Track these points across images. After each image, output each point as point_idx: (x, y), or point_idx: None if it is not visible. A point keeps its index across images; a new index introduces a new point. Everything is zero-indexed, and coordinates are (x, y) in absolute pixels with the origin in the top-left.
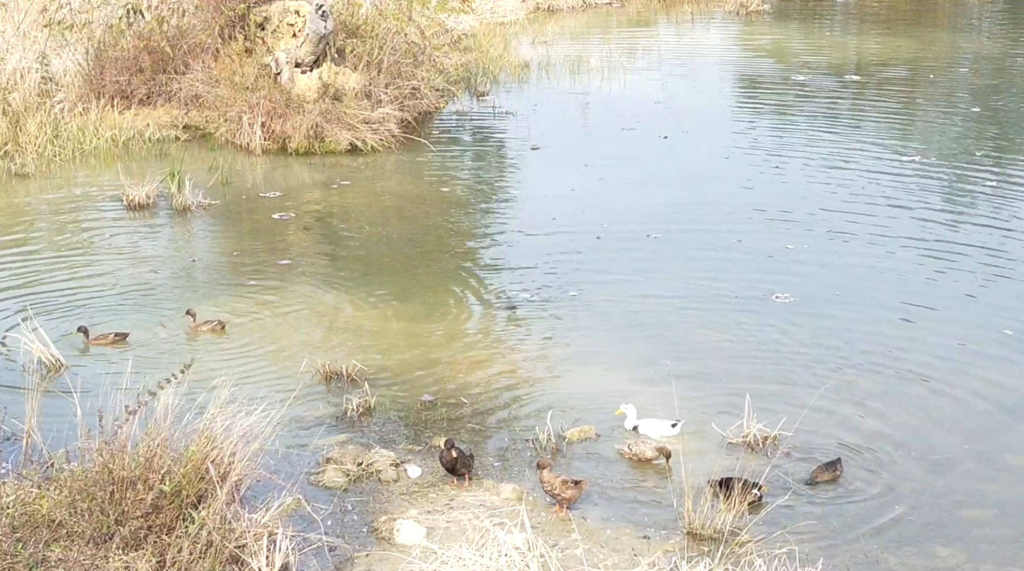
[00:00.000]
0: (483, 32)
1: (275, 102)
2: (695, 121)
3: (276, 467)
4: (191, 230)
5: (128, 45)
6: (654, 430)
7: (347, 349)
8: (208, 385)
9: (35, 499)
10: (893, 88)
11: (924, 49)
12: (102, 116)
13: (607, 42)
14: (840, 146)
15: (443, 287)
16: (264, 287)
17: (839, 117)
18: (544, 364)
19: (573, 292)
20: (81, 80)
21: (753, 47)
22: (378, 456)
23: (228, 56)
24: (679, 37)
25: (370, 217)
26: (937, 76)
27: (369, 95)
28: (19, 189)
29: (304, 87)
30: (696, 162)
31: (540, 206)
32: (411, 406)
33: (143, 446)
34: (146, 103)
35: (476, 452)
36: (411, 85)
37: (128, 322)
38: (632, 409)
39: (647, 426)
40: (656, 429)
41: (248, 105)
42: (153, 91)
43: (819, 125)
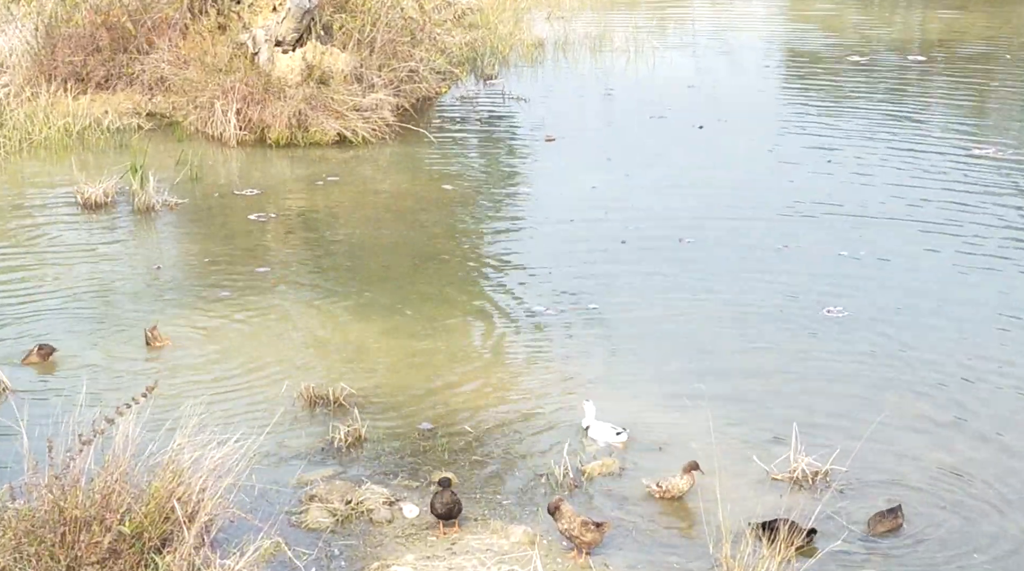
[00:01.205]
0: (491, 6)
1: (252, 86)
2: (735, 108)
3: (252, 505)
4: (155, 233)
5: (83, 20)
6: (601, 435)
7: (334, 370)
8: (175, 411)
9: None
10: (964, 70)
11: (1000, 25)
12: (53, 102)
13: (634, 17)
14: (903, 137)
15: (445, 299)
16: (239, 298)
17: (901, 103)
18: (560, 387)
19: (593, 304)
20: (29, 61)
21: (802, 21)
22: (369, 493)
23: (198, 33)
24: (716, 10)
25: (361, 218)
26: (1015, 56)
27: (360, 78)
28: None
29: (285, 69)
30: (736, 156)
31: (556, 206)
32: (407, 435)
33: (99, 481)
34: (104, 87)
35: (482, 488)
36: (408, 67)
37: (82, 339)
38: (591, 408)
39: (596, 430)
40: (603, 435)
41: (221, 90)
42: (112, 73)
43: (878, 112)
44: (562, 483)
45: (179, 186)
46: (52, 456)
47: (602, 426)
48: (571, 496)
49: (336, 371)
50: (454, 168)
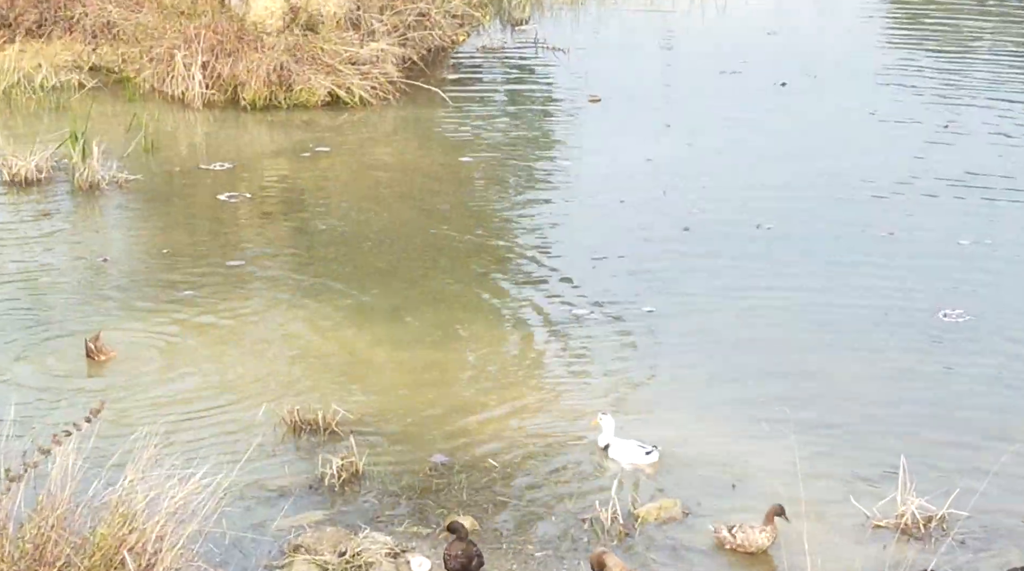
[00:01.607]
0: None
1: (222, 34)
2: (826, 61)
3: (223, 558)
4: (100, 217)
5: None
6: (625, 455)
7: (324, 388)
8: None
9: None
10: None
11: None
12: None
13: None
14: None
15: (463, 300)
16: (205, 299)
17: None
18: (607, 409)
19: (649, 306)
20: None
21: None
22: (369, 542)
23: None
24: None
25: (358, 199)
26: None
27: (357, 24)
28: None
29: (263, 12)
30: (827, 120)
31: (602, 183)
32: (416, 470)
33: (31, 527)
34: (36, 35)
35: (509, 537)
36: (417, 10)
37: (8, 349)
38: (610, 422)
39: (620, 449)
40: (628, 454)
41: (183, 38)
42: (46, 18)
43: (1010, 62)
44: (609, 530)
45: (131, 159)
46: None
47: (626, 444)
48: (620, 547)
49: (327, 390)
50: (474, 136)
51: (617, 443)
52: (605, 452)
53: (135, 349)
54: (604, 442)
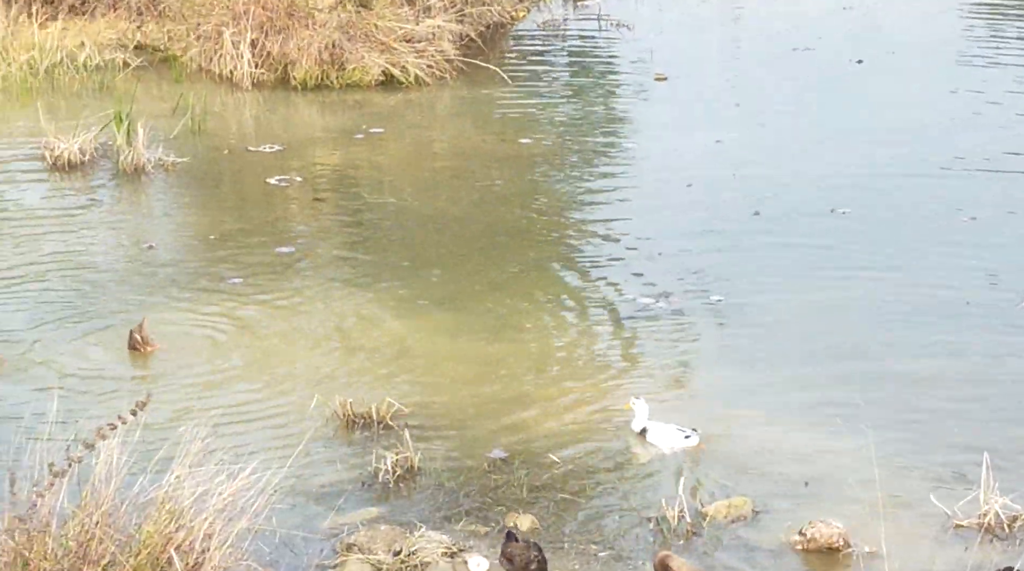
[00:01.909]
0: None
1: (272, 10)
2: (905, 37)
3: (273, 557)
4: (146, 202)
5: None
6: (664, 439)
7: (378, 381)
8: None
9: None
10: None
11: None
12: (14, 31)
13: None
14: None
15: (522, 288)
16: (254, 288)
17: None
18: (675, 404)
19: (718, 295)
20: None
21: None
22: (425, 541)
23: None
24: None
25: (412, 183)
26: None
27: (412, 0)
28: None
29: None
30: (906, 99)
31: (668, 166)
32: (474, 466)
33: (75, 525)
34: (79, 12)
35: (572, 536)
36: None
37: (51, 340)
38: (643, 407)
39: (657, 433)
40: (666, 438)
41: (231, 14)
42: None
43: None
44: (676, 529)
45: (177, 141)
46: (14, 492)
47: (664, 428)
48: (686, 546)
49: (380, 382)
50: (534, 116)
51: (655, 427)
52: (641, 437)
53: (181, 339)
54: (639, 426)
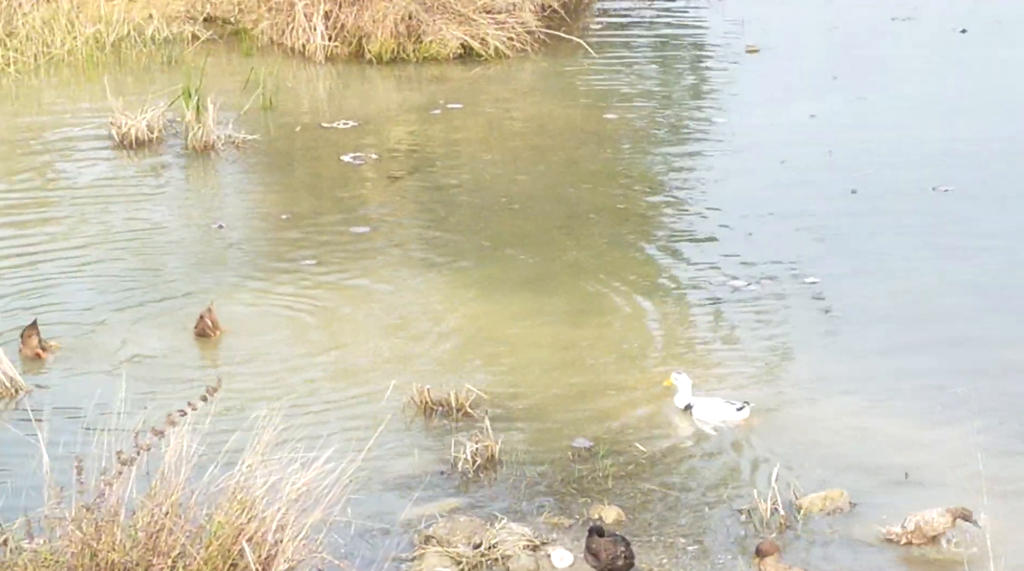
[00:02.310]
0: None
1: None
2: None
3: (348, 549)
4: (216, 180)
5: None
6: (713, 414)
7: (456, 367)
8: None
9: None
10: None
11: None
12: (81, 4)
13: None
14: None
15: (607, 270)
16: (328, 269)
17: None
18: (768, 392)
19: (813, 278)
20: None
21: None
22: (506, 534)
23: None
24: None
25: (492, 160)
26: None
27: None
28: None
29: None
30: (1012, 71)
31: (761, 142)
32: (556, 456)
33: (143, 515)
34: None
35: (659, 529)
36: None
37: (118, 322)
38: (686, 381)
39: (705, 407)
40: (715, 412)
41: None
42: None
43: None
44: (769, 522)
45: (248, 117)
46: (82, 480)
47: (712, 402)
48: (780, 540)
49: (459, 368)
50: (620, 90)
51: (701, 401)
52: (687, 413)
53: (252, 323)
54: (684, 402)
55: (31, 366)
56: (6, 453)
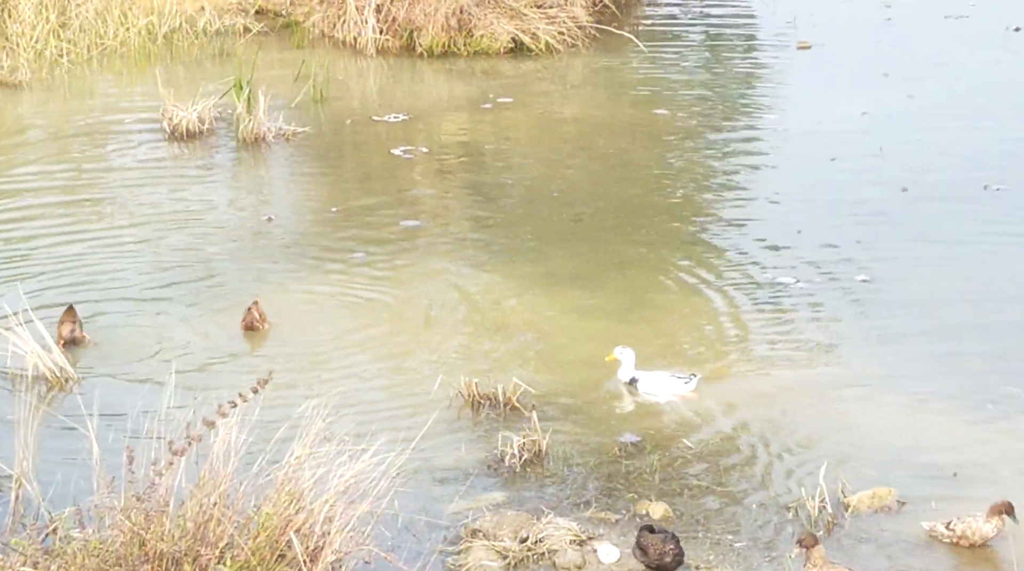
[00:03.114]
0: None
1: None
2: None
3: (395, 541)
4: (266, 173)
5: None
6: (662, 387)
7: (505, 361)
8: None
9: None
10: None
11: None
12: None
13: None
14: None
15: (655, 266)
16: (378, 263)
17: None
18: (816, 388)
19: (863, 275)
20: None
21: None
22: (552, 528)
23: None
24: None
25: (542, 155)
26: None
27: None
28: (6, 106)
29: None
30: None
31: (811, 139)
32: (604, 450)
33: (192, 505)
34: None
35: (706, 525)
36: None
37: (167, 313)
38: (630, 355)
39: (651, 381)
40: (664, 386)
41: None
42: None
43: None
44: (817, 519)
45: (298, 110)
46: (132, 470)
47: (657, 375)
48: (828, 538)
49: (508, 362)
50: (670, 86)
51: (646, 376)
52: (633, 387)
53: (301, 315)
54: (628, 376)
55: (80, 355)
56: (56, 443)
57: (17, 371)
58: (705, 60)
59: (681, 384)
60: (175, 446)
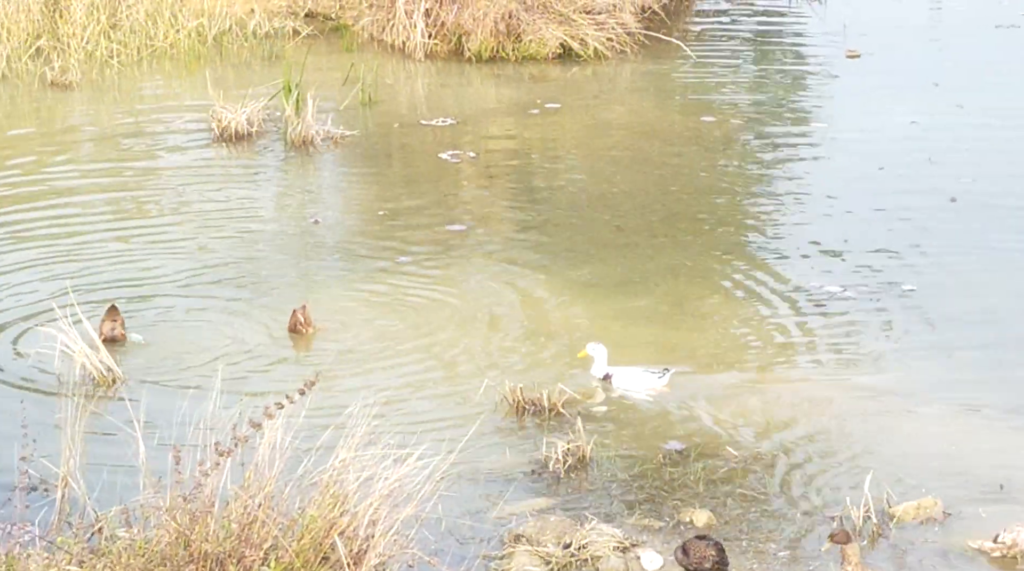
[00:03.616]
0: None
1: None
2: None
3: (438, 546)
4: (314, 176)
5: None
6: (636, 382)
7: (550, 367)
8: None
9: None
10: None
11: None
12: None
13: None
14: None
15: (701, 273)
16: (423, 266)
17: None
18: (862, 398)
19: (910, 285)
20: None
21: None
22: (596, 534)
23: None
24: None
25: (589, 161)
26: None
27: None
28: (57, 106)
29: None
30: None
31: (859, 148)
32: (648, 458)
33: (237, 506)
34: None
35: (750, 534)
36: None
37: (213, 314)
38: (602, 351)
39: (625, 377)
40: (638, 381)
41: None
42: None
43: None
44: (861, 530)
45: (347, 113)
46: (179, 470)
47: (632, 370)
48: (872, 548)
49: (552, 368)
50: (718, 94)
51: (620, 371)
52: (607, 383)
53: (346, 318)
54: (601, 372)
55: (127, 355)
56: (104, 445)
57: (64, 370)
58: (754, 67)
59: (655, 378)
60: (221, 447)
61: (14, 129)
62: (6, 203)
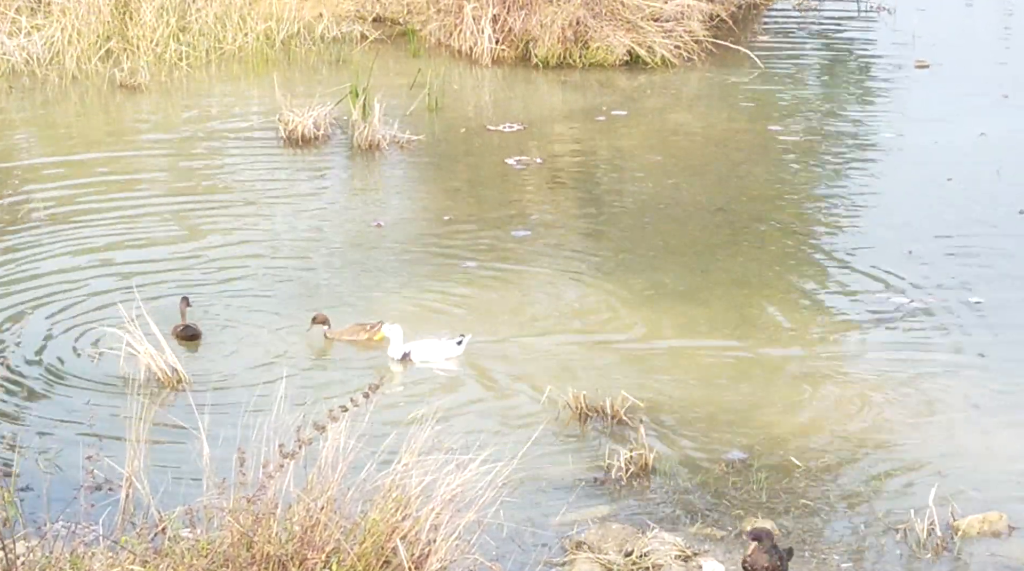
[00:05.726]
0: None
1: None
2: None
3: (500, 551)
4: (379, 179)
5: None
6: (434, 352)
7: (613, 374)
8: (400, 421)
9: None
10: None
11: None
12: (252, 0)
13: None
14: None
15: (766, 283)
16: (488, 272)
17: None
18: (927, 410)
19: (976, 297)
20: None
21: None
22: (657, 542)
23: None
24: None
25: (655, 169)
26: None
27: None
28: (126, 108)
29: None
30: None
31: (928, 159)
32: (711, 467)
33: (300, 508)
34: None
35: (812, 544)
36: None
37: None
38: (397, 330)
39: (423, 350)
40: (435, 352)
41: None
42: None
43: None
44: (925, 542)
45: (414, 117)
46: (244, 472)
47: (428, 342)
48: (936, 561)
49: (615, 376)
50: (786, 103)
51: (417, 346)
52: (406, 362)
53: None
54: (399, 352)
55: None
56: (168, 443)
57: (130, 371)
58: (821, 77)
59: (452, 345)
60: (285, 449)
61: (83, 129)
62: (73, 202)
